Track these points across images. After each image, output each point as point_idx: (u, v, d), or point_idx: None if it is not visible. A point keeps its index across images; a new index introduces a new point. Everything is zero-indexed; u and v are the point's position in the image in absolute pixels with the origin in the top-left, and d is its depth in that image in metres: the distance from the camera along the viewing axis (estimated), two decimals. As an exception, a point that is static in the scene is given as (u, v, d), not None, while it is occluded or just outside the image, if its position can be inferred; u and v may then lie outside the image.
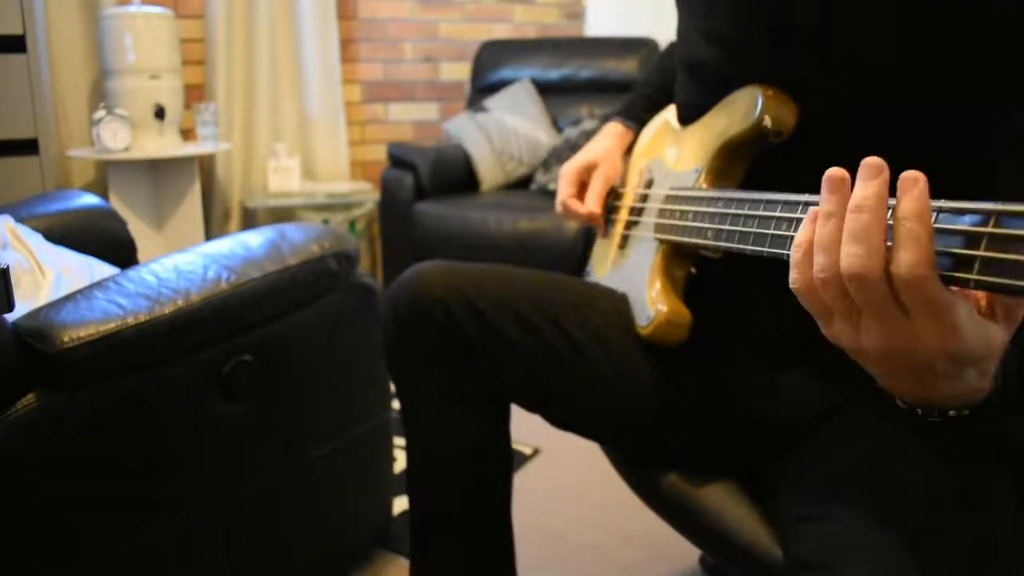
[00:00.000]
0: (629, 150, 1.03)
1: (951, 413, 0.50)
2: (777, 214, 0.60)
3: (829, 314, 0.48)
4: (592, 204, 0.99)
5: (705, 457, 0.85)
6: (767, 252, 0.60)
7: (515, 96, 2.94)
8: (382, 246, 2.83)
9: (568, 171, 1.01)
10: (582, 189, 1.01)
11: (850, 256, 0.44)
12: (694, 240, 0.75)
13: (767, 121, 0.70)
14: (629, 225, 0.95)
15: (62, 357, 0.83)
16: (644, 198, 0.92)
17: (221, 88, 2.81)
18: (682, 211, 0.78)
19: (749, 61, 0.75)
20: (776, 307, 0.77)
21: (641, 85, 1.09)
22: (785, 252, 0.58)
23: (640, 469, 0.90)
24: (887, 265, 0.43)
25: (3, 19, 1.85)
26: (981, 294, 0.45)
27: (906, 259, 0.42)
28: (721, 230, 0.69)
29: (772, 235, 0.60)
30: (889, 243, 0.44)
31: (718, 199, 0.71)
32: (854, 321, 0.47)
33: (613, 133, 1.04)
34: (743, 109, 0.74)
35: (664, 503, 0.87)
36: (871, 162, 0.45)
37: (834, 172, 0.47)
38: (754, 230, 0.63)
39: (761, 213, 0.62)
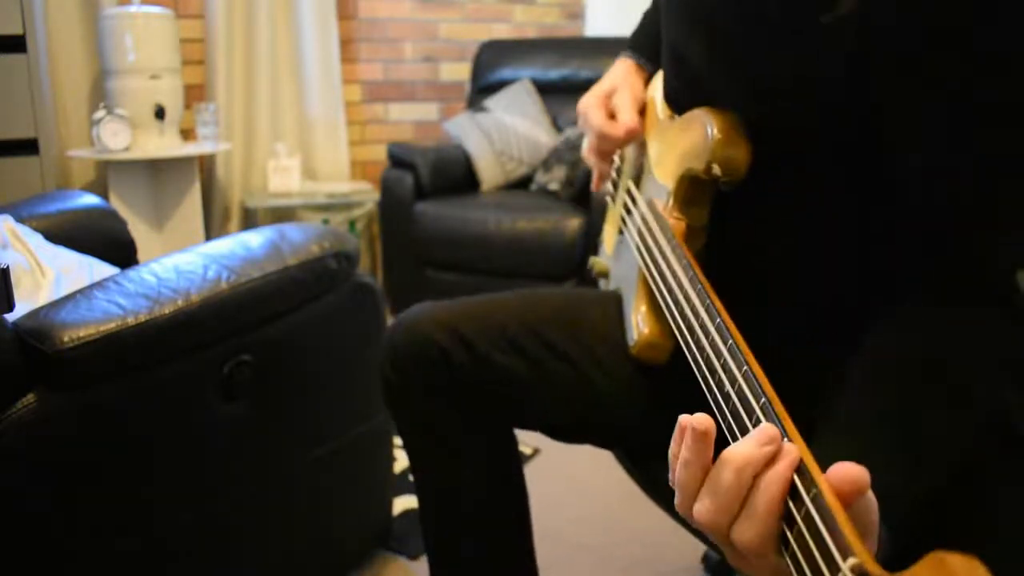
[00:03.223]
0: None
1: None
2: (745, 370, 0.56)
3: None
4: (628, 119, 0.90)
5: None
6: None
7: (515, 96, 2.94)
8: (382, 246, 2.83)
9: (591, 101, 0.94)
10: (611, 118, 0.94)
11: (701, 508, 0.47)
12: (661, 299, 0.72)
13: (715, 169, 0.69)
14: (623, 220, 0.94)
15: (62, 357, 0.83)
16: (634, 200, 0.91)
17: (221, 88, 2.81)
18: (658, 248, 0.76)
19: (734, 60, 0.73)
20: (765, 318, 0.77)
21: (648, 21, 1.03)
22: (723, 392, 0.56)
23: (646, 466, 0.91)
24: (732, 522, 0.46)
25: (3, 19, 1.86)
26: None
27: (746, 531, 0.45)
28: (681, 329, 0.66)
29: (732, 393, 0.57)
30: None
31: (682, 278, 0.68)
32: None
33: (624, 65, 0.98)
34: (697, 144, 0.72)
35: (671, 499, 0.87)
36: (765, 430, 0.46)
37: (698, 424, 0.48)
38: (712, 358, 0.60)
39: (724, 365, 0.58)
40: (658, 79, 0.93)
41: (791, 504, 0.43)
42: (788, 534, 0.43)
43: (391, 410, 0.92)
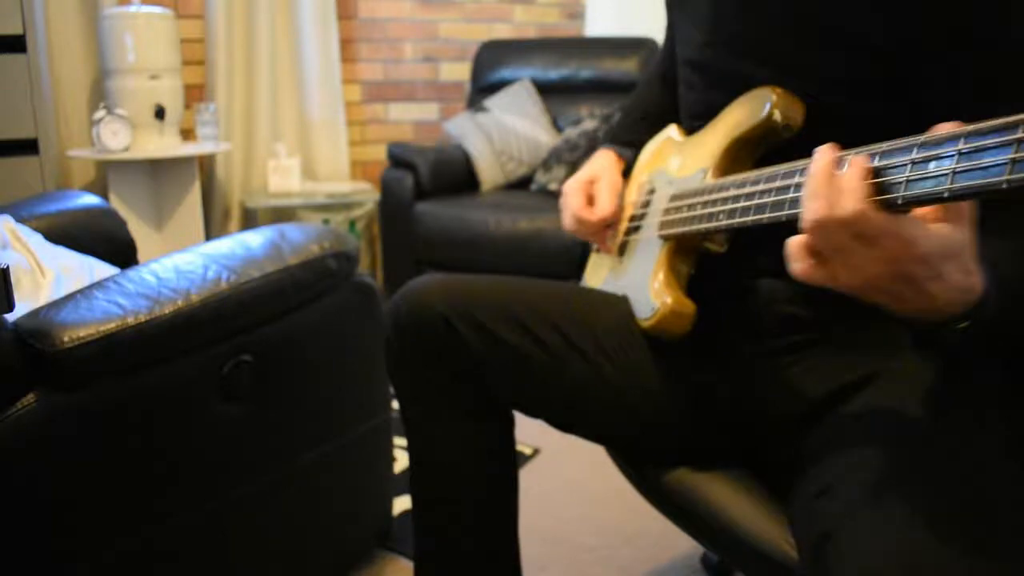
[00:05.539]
0: (625, 174, 1.04)
1: (962, 326, 0.58)
2: (796, 180, 0.63)
3: (823, 259, 0.58)
4: (603, 209, 0.97)
5: (710, 451, 0.86)
6: (785, 215, 0.64)
7: (515, 96, 2.94)
8: (382, 246, 2.83)
9: (573, 186, 1.01)
10: (589, 203, 1.00)
11: (809, 210, 0.56)
12: (705, 226, 0.75)
13: (777, 116, 0.72)
14: (629, 232, 0.95)
15: (62, 357, 0.83)
16: (646, 204, 0.92)
17: (221, 88, 2.81)
18: (690, 204, 0.79)
19: (764, 59, 0.77)
20: (778, 295, 0.78)
21: (626, 112, 1.11)
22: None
23: (643, 467, 0.91)
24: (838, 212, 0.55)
25: (3, 19, 1.86)
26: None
27: (844, 203, 0.54)
28: (735, 209, 0.70)
29: (791, 199, 0.63)
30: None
31: (728, 184, 0.73)
32: (842, 265, 0.57)
33: (606, 156, 1.05)
34: (751, 108, 0.75)
35: (668, 501, 0.87)
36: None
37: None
38: (771, 199, 0.65)
39: (779, 184, 0.65)
40: (667, 129, 0.99)
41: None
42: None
43: (391, 376, 0.92)
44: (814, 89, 0.73)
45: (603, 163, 1.03)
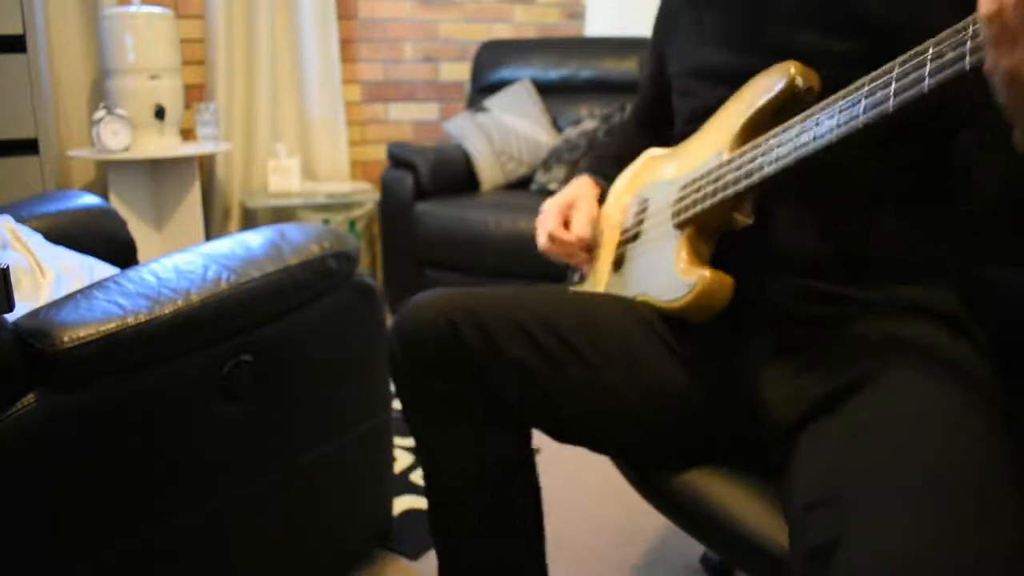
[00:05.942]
0: (599, 202, 1.07)
1: None
2: (868, 85, 0.62)
3: (1013, 40, 0.51)
4: (580, 230, 1.02)
5: (712, 451, 0.86)
6: (836, 134, 0.63)
7: (515, 96, 2.94)
8: (382, 246, 2.83)
9: (550, 207, 1.05)
10: (565, 226, 1.05)
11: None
12: (746, 182, 0.75)
13: (799, 81, 0.74)
14: (625, 243, 0.96)
15: (62, 357, 0.83)
16: (641, 211, 0.93)
17: (221, 88, 2.81)
18: (715, 178, 0.79)
19: (767, 49, 0.79)
20: (788, 286, 0.79)
21: (603, 148, 1.15)
22: (891, 94, 0.59)
23: (645, 470, 0.90)
24: None
25: (3, 19, 1.86)
26: None
27: None
28: (783, 154, 0.70)
29: (838, 120, 0.63)
30: None
31: (766, 139, 0.73)
32: None
33: (583, 182, 1.08)
34: (769, 82, 0.77)
35: (669, 501, 0.87)
36: None
37: None
38: (837, 114, 0.65)
39: (842, 104, 0.65)
40: (645, 154, 1.03)
41: None
42: None
43: (398, 390, 0.92)
44: (825, 72, 0.75)
45: (580, 189, 1.07)
